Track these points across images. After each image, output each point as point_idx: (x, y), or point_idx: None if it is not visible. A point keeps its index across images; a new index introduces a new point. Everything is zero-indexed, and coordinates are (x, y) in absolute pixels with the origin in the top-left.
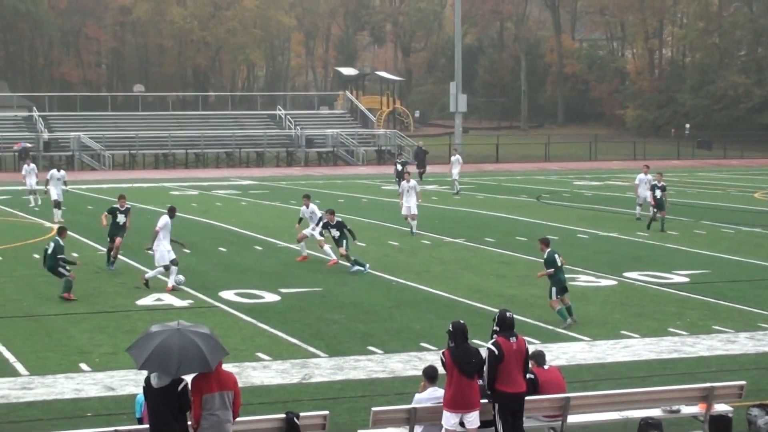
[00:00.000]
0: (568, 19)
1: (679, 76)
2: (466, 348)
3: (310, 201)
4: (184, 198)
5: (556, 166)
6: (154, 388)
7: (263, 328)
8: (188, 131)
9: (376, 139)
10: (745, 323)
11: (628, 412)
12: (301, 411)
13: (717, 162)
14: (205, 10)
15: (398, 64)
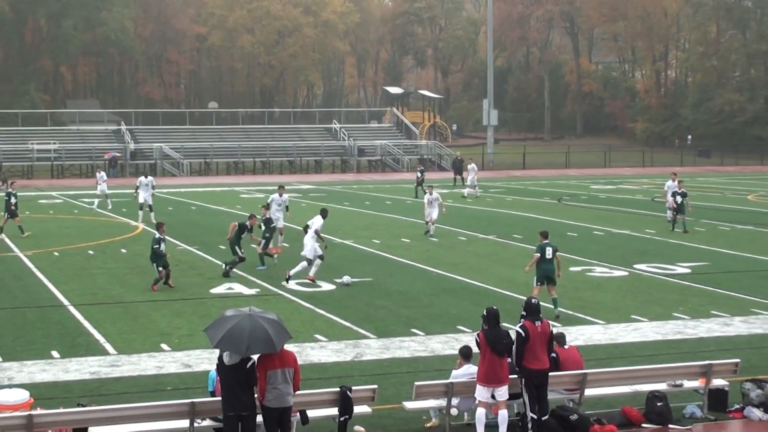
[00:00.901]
0: (585, 44)
1: (682, 94)
2: (498, 330)
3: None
4: (252, 200)
5: (575, 172)
6: (226, 366)
7: (320, 313)
8: (256, 142)
9: (418, 149)
10: (739, 308)
11: (638, 386)
12: (354, 385)
13: (715, 168)
14: (271, 38)
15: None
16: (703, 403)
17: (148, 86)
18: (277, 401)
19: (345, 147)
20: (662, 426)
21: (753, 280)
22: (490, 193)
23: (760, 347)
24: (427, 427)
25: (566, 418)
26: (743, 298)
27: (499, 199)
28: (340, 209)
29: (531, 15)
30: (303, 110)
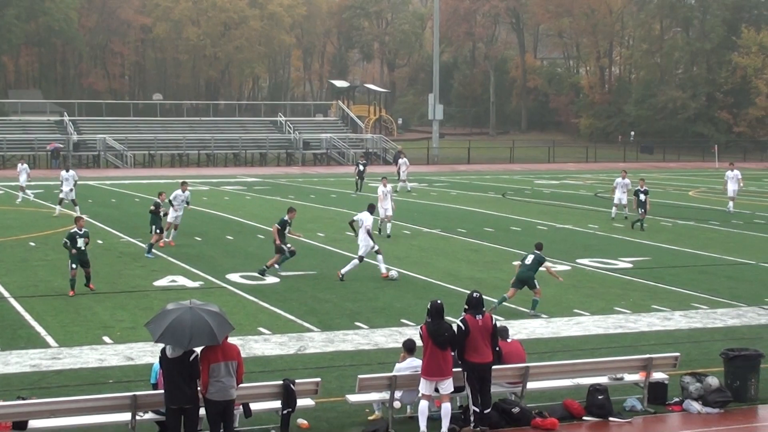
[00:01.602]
0: (531, 40)
1: (625, 90)
2: (440, 323)
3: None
4: (196, 193)
5: (519, 167)
6: (169, 358)
7: (264, 306)
8: (200, 134)
9: (364, 143)
10: (679, 303)
11: (579, 380)
12: (297, 378)
13: (657, 164)
14: (217, 30)
15: (384, 78)
16: (643, 397)
17: (91, 77)
18: (220, 394)
19: (290, 140)
20: (603, 419)
21: (693, 275)
22: (435, 188)
23: (699, 341)
24: (370, 420)
25: (508, 410)
26: (683, 292)
27: (444, 193)
28: (286, 202)
29: (477, 11)
30: (248, 103)
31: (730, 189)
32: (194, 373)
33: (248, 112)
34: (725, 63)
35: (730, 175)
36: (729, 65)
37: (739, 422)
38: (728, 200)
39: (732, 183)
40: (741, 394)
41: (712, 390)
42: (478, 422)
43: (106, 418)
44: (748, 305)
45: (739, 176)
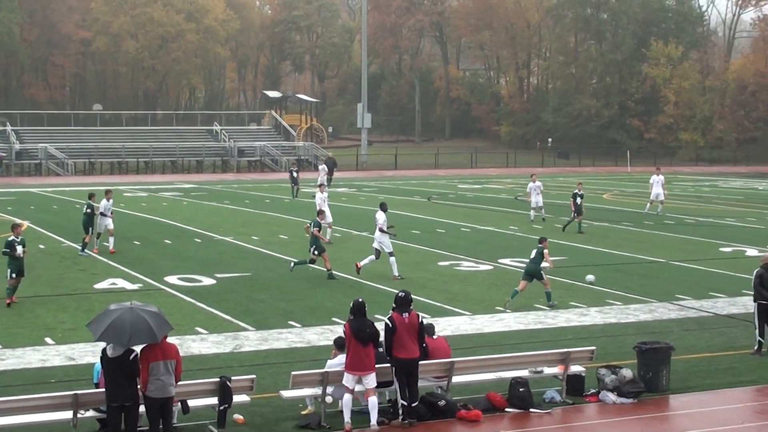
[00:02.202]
0: (454, 52)
1: (543, 99)
2: (362, 321)
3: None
4: (135, 199)
5: (443, 173)
6: (110, 358)
7: (201, 306)
8: (139, 143)
9: (296, 150)
10: (595, 300)
11: (501, 373)
12: (233, 375)
13: (573, 169)
14: (154, 43)
15: (315, 88)
16: (562, 388)
17: (33, 88)
18: (160, 392)
19: (225, 148)
20: (524, 410)
21: (607, 273)
22: (364, 192)
23: (613, 335)
24: (303, 415)
25: (435, 404)
26: (599, 290)
27: (372, 197)
28: (221, 207)
29: (403, 24)
30: (185, 112)
31: (653, 192)
32: (134, 371)
33: (185, 122)
34: (636, 73)
35: (656, 180)
36: (639, 76)
37: (651, 411)
38: (647, 202)
39: (656, 187)
40: (653, 384)
41: (626, 381)
42: (406, 415)
43: (48, 416)
44: (660, 301)
45: (663, 181)
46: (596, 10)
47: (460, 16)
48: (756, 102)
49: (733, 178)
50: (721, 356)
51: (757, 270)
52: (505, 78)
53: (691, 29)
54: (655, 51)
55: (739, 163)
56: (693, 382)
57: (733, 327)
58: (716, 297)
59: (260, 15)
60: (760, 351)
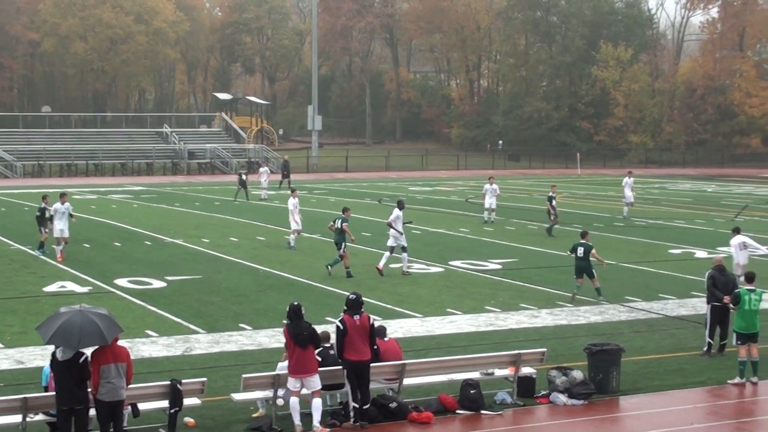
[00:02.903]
0: (404, 55)
1: (493, 101)
2: (300, 324)
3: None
4: (85, 201)
5: (394, 175)
6: (59, 361)
7: (152, 309)
8: (88, 145)
9: (246, 152)
10: (546, 302)
11: (453, 375)
12: (184, 378)
13: (524, 171)
14: (104, 45)
15: (265, 90)
16: (513, 390)
17: None
18: (110, 395)
19: (175, 150)
20: (475, 412)
21: (558, 275)
22: (315, 195)
23: (564, 337)
24: (255, 417)
25: (386, 406)
26: (549, 291)
27: (323, 200)
28: (171, 210)
29: (354, 27)
30: (135, 115)
31: (627, 195)
32: (84, 374)
33: (135, 124)
34: (586, 76)
35: (628, 182)
36: (589, 78)
37: (602, 413)
38: (623, 206)
39: (628, 189)
40: (603, 386)
41: (577, 383)
42: (357, 417)
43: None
44: (610, 303)
45: (632, 184)
46: (546, 12)
47: (411, 19)
48: (704, 104)
49: (682, 180)
50: (670, 357)
51: (709, 271)
52: (456, 80)
53: (640, 32)
54: (605, 53)
55: (688, 165)
56: (643, 383)
57: (682, 328)
58: (666, 299)
59: (210, 17)
60: (710, 352)
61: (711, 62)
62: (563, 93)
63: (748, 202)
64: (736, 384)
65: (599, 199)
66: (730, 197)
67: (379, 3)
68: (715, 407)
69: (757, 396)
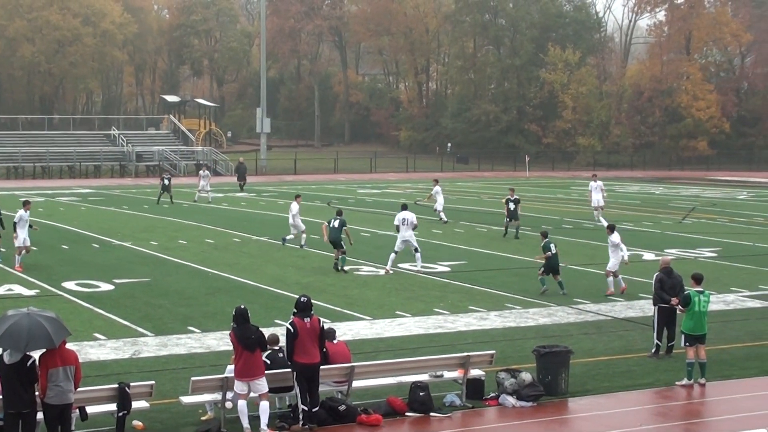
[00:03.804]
0: (353, 57)
1: (442, 104)
2: (246, 327)
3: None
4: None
5: (343, 177)
6: (7, 364)
7: (99, 312)
8: (36, 147)
9: (195, 155)
10: (495, 304)
11: (402, 377)
12: (132, 381)
13: (473, 174)
14: (51, 47)
15: (214, 93)
16: (462, 392)
17: None
18: (58, 398)
19: (123, 152)
20: (424, 414)
21: (507, 277)
22: (263, 197)
23: (513, 339)
24: (203, 420)
25: (335, 408)
26: (498, 294)
27: (272, 202)
28: (119, 212)
29: (302, 29)
30: (82, 117)
31: (594, 199)
32: (32, 378)
33: (82, 126)
34: (534, 79)
35: (594, 186)
36: (537, 81)
37: (551, 414)
38: (593, 210)
39: (595, 193)
40: (552, 388)
41: (526, 385)
42: (306, 420)
43: None
44: (558, 305)
45: (602, 186)
46: (494, 15)
47: (359, 21)
48: (652, 107)
49: (629, 182)
50: (619, 359)
51: (657, 274)
52: (404, 83)
53: (588, 35)
54: (553, 56)
55: (636, 167)
56: (591, 385)
57: (630, 330)
58: (614, 301)
59: (158, 19)
60: (658, 354)
61: (658, 65)
62: (511, 96)
63: (696, 204)
64: (684, 385)
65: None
66: (677, 200)
67: (328, 5)
68: (664, 408)
69: (704, 397)
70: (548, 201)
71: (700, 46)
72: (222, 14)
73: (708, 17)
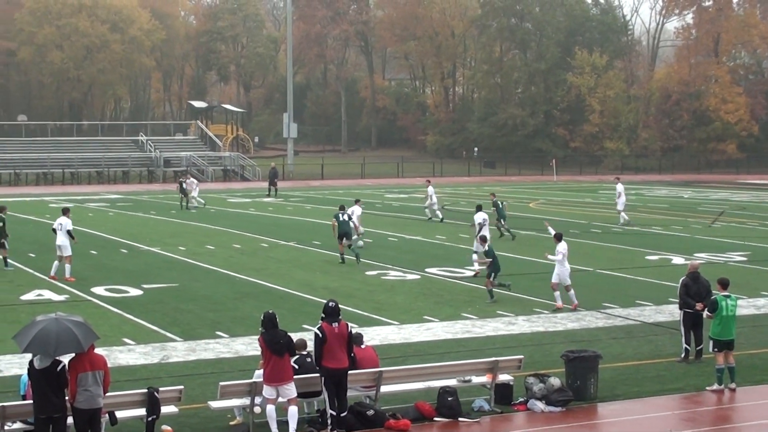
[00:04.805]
0: (379, 62)
1: (468, 108)
2: (275, 332)
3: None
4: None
5: (370, 182)
6: (37, 369)
7: (128, 317)
8: (65, 153)
9: (222, 160)
10: (522, 308)
11: (430, 382)
12: (161, 386)
13: (499, 178)
14: (80, 53)
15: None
16: (490, 397)
17: None
18: (88, 403)
19: (151, 158)
20: (453, 419)
21: (534, 282)
22: (291, 202)
23: (541, 344)
24: (232, 425)
25: (364, 413)
26: (526, 298)
27: (299, 207)
28: (147, 218)
29: (328, 34)
30: (111, 123)
31: (619, 202)
32: (62, 383)
33: (111, 132)
34: (561, 82)
35: (621, 188)
36: (564, 84)
37: (580, 420)
38: (618, 214)
39: (622, 195)
40: (581, 393)
41: (555, 390)
42: (335, 425)
43: None
44: (587, 309)
45: (622, 190)
46: (520, 20)
47: (385, 26)
48: (680, 110)
49: (658, 186)
50: (648, 364)
51: (683, 278)
52: (431, 87)
53: (615, 38)
54: (580, 60)
55: (664, 171)
56: (621, 390)
57: (660, 335)
58: (643, 305)
59: (185, 25)
60: (687, 359)
61: (686, 68)
62: (538, 100)
63: (725, 208)
64: (714, 390)
65: (575, 205)
66: (707, 203)
67: (354, 10)
68: (693, 414)
69: (734, 402)
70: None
71: (728, 48)
72: (248, 20)
73: (736, 19)
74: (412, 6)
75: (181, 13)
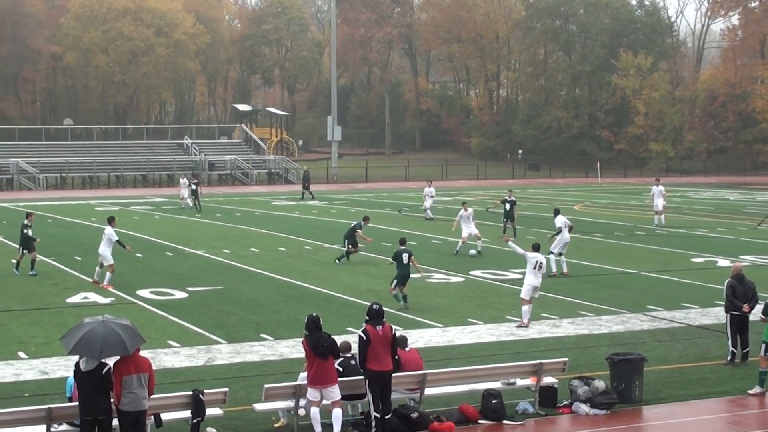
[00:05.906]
0: (423, 65)
1: (513, 111)
2: (319, 335)
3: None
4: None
5: (414, 185)
6: (83, 372)
7: (173, 320)
8: (110, 157)
9: (266, 163)
10: (567, 311)
11: (474, 385)
12: (206, 388)
13: (544, 181)
14: (125, 57)
15: (285, 102)
16: (535, 400)
17: (4, 103)
18: (133, 405)
19: (196, 161)
20: (497, 422)
21: (578, 284)
22: (335, 205)
23: (585, 347)
24: (277, 427)
25: (408, 416)
26: (570, 301)
27: (343, 210)
28: (192, 221)
29: (372, 37)
30: (155, 126)
31: (656, 203)
32: (107, 385)
33: (156, 136)
34: (605, 84)
35: (656, 190)
36: (609, 86)
37: (624, 423)
38: (654, 215)
39: (657, 197)
40: (626, 395)
41: (599, 392)
42: (379, 427)
43: (22, 430)
44: (632, 312)
45: (663, 191)
46: (565, 22)
47: (429, 29)
48: (726, 112)
49: (703, 188)
50: (693, 367)
51: (728, 280)
52: (475, 90)
53: (660, 40)
54: (625, 62)
55: (710, 173)
56: (666, 393)
57: (705, 338)
58: (688, 308)
59: (230, 29)
60: (733, 361)
61: (732, 69)
62: (583, 102)
63: None
64: (755, 394)
65: (621, 208)
66: (753, 205)
67: (398, 13)
68: (739, 417)
69: None
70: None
71: None
72: (293, 24)
73: None
74: (455, 8)
75: (225, 17)
